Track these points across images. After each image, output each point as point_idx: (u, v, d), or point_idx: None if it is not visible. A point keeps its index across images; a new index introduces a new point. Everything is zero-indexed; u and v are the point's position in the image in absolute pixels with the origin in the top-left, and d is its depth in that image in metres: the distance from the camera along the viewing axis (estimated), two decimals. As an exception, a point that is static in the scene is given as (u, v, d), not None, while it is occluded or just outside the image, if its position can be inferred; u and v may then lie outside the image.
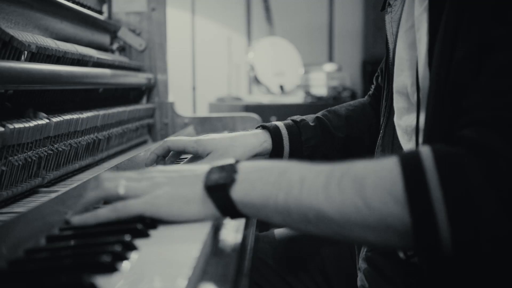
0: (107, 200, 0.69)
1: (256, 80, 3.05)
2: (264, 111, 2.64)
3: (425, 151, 0.55)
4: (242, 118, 1.78)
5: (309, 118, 1.07)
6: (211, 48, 3.26)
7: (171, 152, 1.01)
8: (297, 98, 2.95)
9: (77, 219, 0.64)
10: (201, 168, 0.65)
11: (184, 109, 2.12)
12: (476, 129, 0.56)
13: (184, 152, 1.01)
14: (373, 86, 1.17)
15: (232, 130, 1.76)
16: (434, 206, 0.52)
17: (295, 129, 1.04)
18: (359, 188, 0.55)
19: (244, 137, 1.00)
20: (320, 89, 3.05)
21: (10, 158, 0.78)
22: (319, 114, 1.08)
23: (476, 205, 0.51)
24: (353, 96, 3.01)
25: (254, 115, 1.79)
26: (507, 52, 0.57)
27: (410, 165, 0.55)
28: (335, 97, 2.94)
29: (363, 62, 3.55)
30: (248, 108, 2.66)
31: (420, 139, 0.78)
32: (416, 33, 0.78)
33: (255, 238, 0.69)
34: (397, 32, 0.87)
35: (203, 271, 0.54)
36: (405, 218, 0.53)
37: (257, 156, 1.01)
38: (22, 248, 0.58)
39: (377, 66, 1.14)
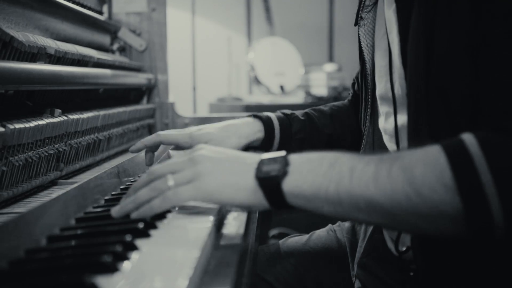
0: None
1: (256, 80, 3.05)
2: (265, 111, 2.63)
3: (468, 137, 0.57)
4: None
5: (299, 112, 1.10)
6: (211, 48, 3.26)
7: (161, 145, 1.00)
8: (298, 98, 2.94)
9: (135, 214, 0.66)
10: (251, 157, 0.67)
11: (184, 109, 2.12)
12: None
13: (176, 146, 1.00)
14: (350, 93, 1.20)
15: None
16: (485, 189, 0.53)
17: (286, 121, 1.06)
18: (408, 177, 0.56)
19: (237, 126, 1.01)
20: (321, 89, 3.05)
21: (11, 158, 0.78)
22: (307, 110, 1.11)
23: None
24: (354, 96, 3.01)
25: (254, 115, 1.78)
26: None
27: (456, 151, 0.56)
28: (336, 97, 2.94)
29: (363, 62, 3.55)
30: (249, 108, 2.66)
31: (402, 140, 0.80)
32: (389, 36, 0.80)
33: (253, 255, 0.69)
34: (372, 43, 0.90)
35: (204, 271, 0.54)
36: (456, 203, 0.54)
37: (249, 144, 1.01)
38: (22, 248, 0.58)
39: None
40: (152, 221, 0.65)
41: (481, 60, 0.62)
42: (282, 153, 0.66)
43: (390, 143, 0.88)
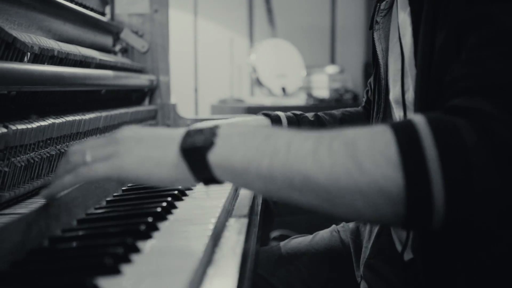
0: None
1: (258, 82, 3.05)
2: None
3: (417, 117, 0.54)
4: (244, 120, 1.78)
5: (309, 114, 1.11)
6: (213, 49, 3.26)
7: None
8: (299, 100, 2.94)
9: (45, 193, 0.66)
10: (178, 131, 0.63)
11: (186, 110, 2.12)
12: (465, 98, 0.56)
13: None
14: (364, 99, 1.21)
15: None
16: (428, 165, 0.50)
17: (294, 121, 1.07)
18: (350, 151, 0.53)
19: (246, 122, 1.01)
20: (322, 91, 3.05)
21: (13, 159, 0.78)
22: (317, 112, 1.13)
23: (472, 164, 0.50)
24: (355, 98, 3.00)
25: (256, 117, 1.78)
26: (483, 28, 0.58)
27: (403, 127, 0.54)
28: (337, 99, 2.94)
29: (365, 64, 3.55)
30: (250, 110, 2.66)
31: None
32: (402, 40, 0.81)
33: (255, 256, 0.68)
34: (387, 47, 0.90)
35: (205, 274, 0.54)
36: (398, 179, 0.51)
37: None
38: (24, 249, 0.58)
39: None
40: (154, 223, 0.65)
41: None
42: (211, 124, 0.62)
43: None
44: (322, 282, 1.03)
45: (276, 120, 1.05)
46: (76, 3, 1.22)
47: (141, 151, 0.61)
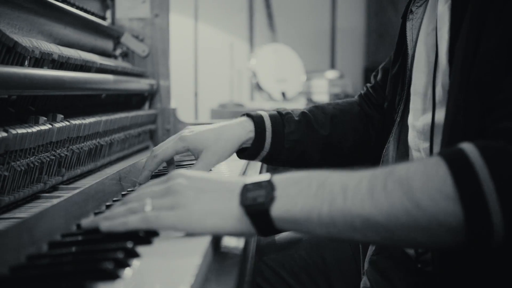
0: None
1: (258, 87, 3.05)
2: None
3: (468, 147, 0.56)
4: (244, 124, 1.78)
5: (295, 112, 1.05)
6: (213, 54, 3.27)
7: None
8: (299, 105, 2.95)
9: (106, 225, 0.62)
10: (233, 183, 0.63)
11: (186, 115, 2.12)
12: None
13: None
14: (368, 85, 1.16)
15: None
16: (486, 197, 0.53)
17: (279, 120, 1.02)
18: (406, 190, 0.55)
19: (231, 128, 0.98)
20: (322, 96, 3.05)
21: (13, 163, 0.78)
22: (305, 109, 1.07)
23: None
24: (355, 103, 3.01)
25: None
26: None
27: (457, 160, 0.55)
28: (337, 104, 2.95)
29: (365, 69, 3.56)
30: (250, 114, 2.66)
31: (436, 138, 0.79)
32: (438, 33, 0.80)
33: (257, 241, 0.68)
34: (417, 38, 0.89)
35: (205, 279, 0.54)
36: (457, 212, 0.53)
37: (242, 145, 0.99)
38: (24, 254, 0.58)
39: (379, 74, 1.15)
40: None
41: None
42: (266, 176, 0.63)
43: (417, 140, 0.87)
44: (326, 272, 1.01)
45: (258, 123, 1.00)
46: (77, 8, 1.22)
47: (205, 205, 0.62)
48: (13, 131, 0.76)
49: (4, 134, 0.74)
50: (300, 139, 1.02)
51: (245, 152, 1.00)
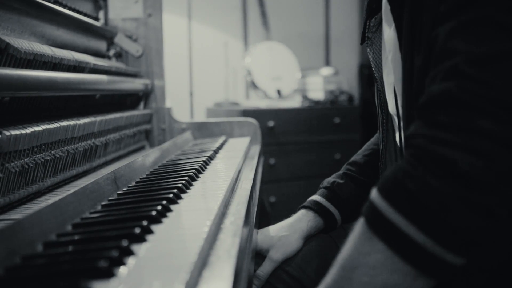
0: None
1: (253, 85, 3.05)
2: (262, 116, 2.64)
3: (374, 194, 0.60)
4: (239, 123, 1.78)
5: (336, 176, 1.12)
6: (208, 53, 3.26)
7: None
8: (295, 102, 2.95)
9: None
10: None
11: (181, 114, 2.12)
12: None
13: None
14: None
15: (230, 135, 1.76)
16: (409, 235, 0.55)
17: (332, 194, 1.08)
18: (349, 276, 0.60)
19: (293, 226, 1.04)
20: (317, 93, 3.06)
21: (7, 164, 0.78)
22: (342, 170, 1.13)
23: (445, 211, 0.54)
24: (351, 99, 3.01)
25: (251, 120, 1.79)
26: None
27: (373, 217, 0.59)
28: (332, 101, 2.94)
29: (360, 65, 3.56)
30: (246, 112, 2.66)
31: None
32: (388, 55, 0.82)
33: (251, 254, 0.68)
34: (381, 61, 0.92)
35: (200, 276, 0.54)
36: (398, 263, 0.56)
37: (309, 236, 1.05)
38: (19, 255, 0.58)
39: (374, 70, 1.16)
40: (149, 226, 0.65)
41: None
42: None
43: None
44: (320, 266, 1.03)
45: (327, 216, 1.06)
46: (70, 9, 1.22)
47: None
48: (7, 133, 0.76)
49: (-2, 136, 0.74)
50: (357, 194, 1.08)
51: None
